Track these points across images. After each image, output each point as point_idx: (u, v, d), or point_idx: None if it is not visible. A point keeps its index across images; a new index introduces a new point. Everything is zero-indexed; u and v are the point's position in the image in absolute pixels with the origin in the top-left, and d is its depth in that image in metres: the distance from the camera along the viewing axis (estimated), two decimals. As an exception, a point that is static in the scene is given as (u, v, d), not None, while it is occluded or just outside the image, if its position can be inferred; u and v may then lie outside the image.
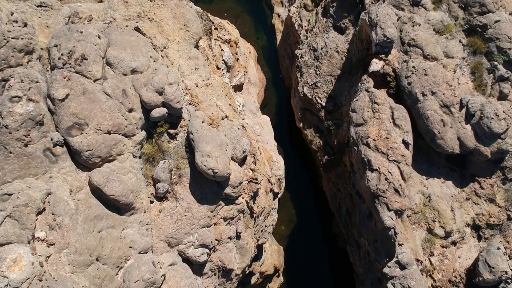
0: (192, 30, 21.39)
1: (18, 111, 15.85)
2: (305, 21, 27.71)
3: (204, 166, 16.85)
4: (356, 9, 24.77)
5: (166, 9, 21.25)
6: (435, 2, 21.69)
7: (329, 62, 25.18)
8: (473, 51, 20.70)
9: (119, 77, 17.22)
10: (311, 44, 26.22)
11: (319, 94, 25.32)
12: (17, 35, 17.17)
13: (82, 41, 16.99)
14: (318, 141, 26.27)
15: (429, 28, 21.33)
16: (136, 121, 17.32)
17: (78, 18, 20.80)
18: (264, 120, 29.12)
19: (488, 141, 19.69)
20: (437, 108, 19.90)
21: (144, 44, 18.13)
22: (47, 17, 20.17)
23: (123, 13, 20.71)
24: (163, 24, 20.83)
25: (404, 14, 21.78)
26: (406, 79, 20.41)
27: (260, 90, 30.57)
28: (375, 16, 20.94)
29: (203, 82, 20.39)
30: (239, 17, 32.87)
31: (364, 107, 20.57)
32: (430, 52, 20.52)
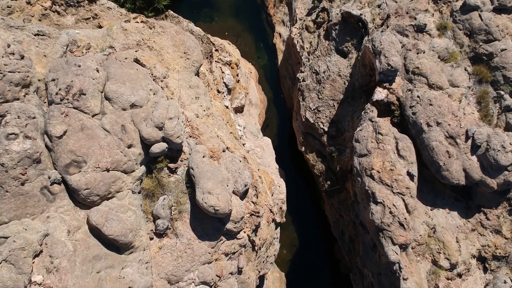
0: (193, 58, 21.13)
1: (15, 149, 15.57)
2: (307, 43, 27.46)
3: (205, 203, 16.57)
4: (359, 32, 24.54)
5: (166, 37, 21.00)
6: (440, 29, 21.46)
7: (332, 86, 24.93)
8: (478, 80, 20.45)
9: (118, 112, 16.94)
10: (313, 67, 25.96)
11: (322, 119, 25.05)
12: (14, 68, 16.92)
13: (80, 75, 16.74)
14: (320, 166, 25.99)
15: (434, 56, 21.09)
16: (135, 157, 17.03)
17: (76, 47, 20.59)
18: (266, 142, 28.88)
19: (495, 173, 19.42)
20: (443, 139, 19.62)
21: (144, 77, 17.86)
22: (45, 46, 19.92)
23: (122, 41, 20.46)
24: (163, 52, 20.57)
25: (408, 41, 21.55)
26: (411, 108, 20.15)
27: (261, 111, 30.30)
28: (379, 44, 20.69)
29: (204, 112, 20.13)
30: (240, 36, 32.61)
31: (368, 137, 20.30)
32: (435, 81, 20.27)
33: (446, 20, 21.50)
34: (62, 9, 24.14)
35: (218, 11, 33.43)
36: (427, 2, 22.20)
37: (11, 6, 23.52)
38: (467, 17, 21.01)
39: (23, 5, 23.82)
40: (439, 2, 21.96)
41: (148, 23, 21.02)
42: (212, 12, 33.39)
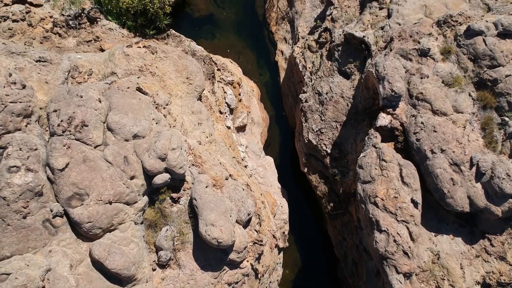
0: (195, 82, 21.12)
1: (17, 182, 15.56)
2: (309, 63, 27.44)
3: (208, 236, 16.53)
4: (362, 54, 24.51)
5: (168, 62, 20.99)
6: (444, 53, 21.42)
7: (334, 108, 24.89)
8: (483, 106, 20.39)
9: (121, 143, 16.91)
10: (316, 87, 25.94)
11: (324, 140, 25.01)
12: (16, 98, 16.93)
13: (82, 106, 16.73)
14: (323, 187, 25.94)
15: (437, 80, 21.04)
16: (138, 188, 17.00)
17: (78, 73, 20.59)
18: (268, 161, 28.85)
19: (500, 200, 19.34)
20: (447, 167, 19.56)
21: (146, 106, 17.84)
22: (46, 72, 19.94)
23: (124, 67, 20.45)
24: (165, 78, 20.56)
25: (412, 65, 21.51)
26: (415, 135, 20.10)
27: (264, 130, 30.26)
28: (382, 70, 20.67)
29: (207, 139, 20.10)
30: (242, 53, 32.59)
31: (372, 164, 20.26)
32: (439, 107, 20.22)
33: (450, 44, 21.45)
34: (63, 31, 24.14)
35: (220, 28, 33.43)
36: (430, 26, 22.16)
37: (12, 28, 23.53)
38: (471, 41, 20.96)
39: (24, 27, 23.83)
40: (443, 26, 21.91)
41: (150, 48, 21.02)
42: (214, 29, 33.38)
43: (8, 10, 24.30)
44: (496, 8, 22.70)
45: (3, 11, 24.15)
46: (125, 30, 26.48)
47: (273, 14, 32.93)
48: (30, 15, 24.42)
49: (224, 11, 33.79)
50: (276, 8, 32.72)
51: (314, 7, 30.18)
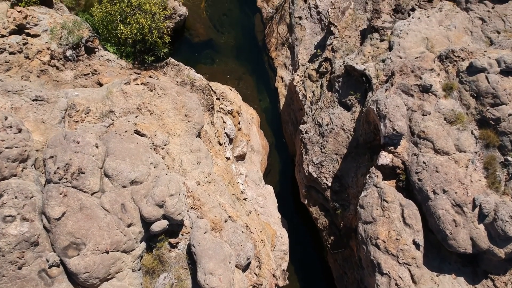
0: (194, 119, 20.97)
1: (12, 232, 15.41)
2: (309, 92, 27.31)
3: (206, 285, 16.34)
4: (363, 86, 24.40)
5: (167, 99, 20.85)
6: (446, 89, 21.29)
7: (335, 140, 24.75)
8: (485, 145, 20.23)
9: (118, 190, 16.75)
10: (316, 118, 25.80)
11: (325, 173, 24.86)
12: (12, 144, 16.79)
13: (79, 152, 16.57)
14: (324, 220, 25.76)
15: (439, 117, 20.90)
16: (135, 236, 16.83)
17: (75, 111, 20.44)
18: (268, 190, 28.70)
19: (503, 243, 19.16)
20: (449, 208, 19.39)
21: (144, 151, 17.68)
22: (43, 112, 19.78)
23: (122, 105, 20.31)
24: (163, 116, 20.41)
25: (413, 101, 21.38)
26: (417, 174, 19.93)
27: (263, 157, 30.12)
28: (383, 108, 20.54)
29: (205, 178, 19.94)
30: (242, 79, 32.48)
31: (373, 204, 20.09)
32: (441, 146, 20.06)
33: (452, 81, 21.32)
34: (60, 64, 24.04)
35: (219, 52, 33.32)
36: (432, 61, 22.04)
37: (9, 61, 23.42)
38: (474, 78, 20.82)
39: (22, 59, 23.72)
40: (445, 61, 21.79)
41: (148, 85, 20.88)
42: (213, 53, 33.27)
43: (5, 42, 24.20)
44: (499, 42, 22.58)
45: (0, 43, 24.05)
46: (123, 61, 26.39)
47: (273, 40, 32.84)
48: (27, 47, 24.32)
49: (224, 36, 33.69)
50: (276, 34, 32.63)
51: (314, 34, 30.09)
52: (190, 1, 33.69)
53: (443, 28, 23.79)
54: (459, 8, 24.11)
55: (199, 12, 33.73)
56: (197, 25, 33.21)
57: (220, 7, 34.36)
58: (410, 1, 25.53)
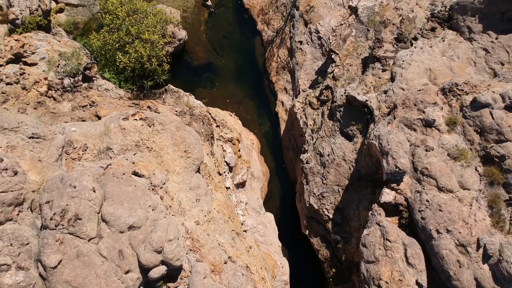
0: (193, 155, 20.73)
1: (7, 282, 15.14)
2: (310, 120, 27.09)
3: (206, 334, 16.06)
4: (364, 117, 24.18)
5: (166, 135, 20.62)
6: (449, 124, 21.06)
7: (336, 171, 24.51)
8: (490, 182, 19.97)
9: (116, 236, 16.48)
10: (317, 148, 25.57)
11: (326, 205, 24.61)
12: (7, 188, 16.58)
13: (76, 197, 16.31)
14: (325, 251, 25.49)
15: (443, 153, 20.67)
16: (133, 282, 16.55)
17: (72, 148, 20.21)
18: (268, 218, 28.46)
19: (508, 284, 18.87)
20: (453, 248, 19.13)
21: (142, 194, 17.42)
22: (40, 149, 19.56)
23: (120, 142, 20.07)
24: (162, 153, 20.17)
25: (416, 136, 21.15)
26: (420, 213, 19.69)
27: (264, 184, 29.87)
28: (386, 144, 20.30)
29: (205, 217, 19.69)
30: (242, 103, 32.26)
31: (376, 243, 19.84)
32: (445, 184, 19.82)
33: (456, 115, 21.09)
34: (58, 95, 23.83)
35: (219, 76, 33.11)
36: (435, 94, 21.82)
37: (5, 92, 23.22)
38: (478, 114, 20.60)
39: (18, 91, 23.52)
40: (448, 95, 21.57)
41: (147, 120, 20.65)
42: (213, 77, 33.07)
43: (1, 72, 24.02)
44: (503, 75, 22.37)
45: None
46: (122, 91, 26.19)
47: (273, 64, 32.64)
48: (24, 77, 24.13)
49: (224, 59, 33.49)
50: (277, 58, 32.44)
51: (315, 59, 29.89)
52: (190, 24, 33.51)
53: (446, 58, 23.57)
54: (462, 38, 23.91)
55: (199, 35, 33.54)
56: (196, 48, 33.00)
57: (220, 30, 34.17)
58: (412, 29, 25.33)
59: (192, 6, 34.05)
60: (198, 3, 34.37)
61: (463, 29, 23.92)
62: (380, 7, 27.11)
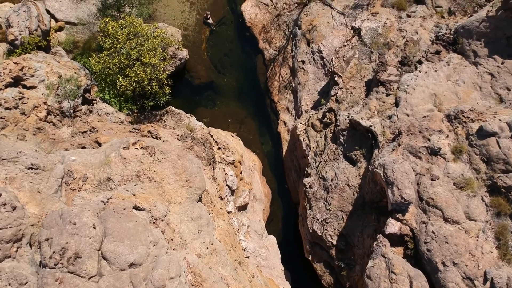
0: (195, 184, 20.49)
1: (5, 323, 14.87)
2: (313, 142, 26.84)
3: None
4: (368, 142, 23.92)
5: (167, 164, 20.38)
6: (455, 152, 20.81)
7: (340, 197, 24.25)
8: (497, 213, 19.69)
9: (116, 274, 16.22)
10: (320, 172, 25.32)
11: (330, 231, 24.34)
12: (5, 224, 16.36)
13: (76, 235, 16.07)
14: (328, 277, 25.21)
15: (449, 182, 20.41)
16: (134, 321, 16.28)
17: (72, 179, 19.98)
18: (270, 241, 28.21)
19: (516, 318, 18.61)
20: (459, 281, 18.84)
21: (143, 229, 17.18)
22: (39, 181, 19.31)
23: (121, 172, 19.83)
24: (163, 183, 19.93)
25: (422, 165, 20.90)
26: (425, 244, 19.41)
27: (266, 206, 29.61)
28: (391, 174, 20.05)
29: (207, 250, 19.43)
30: (243, 122, 32.01)
31: (381, 275, 19.56)
32: (451, 215, 19.55)
33: (462, 143, 20.84)
34: (57, 120, 23.63)
35: (221, 95, 32.90)
36: (441, 121, 21.58)
37: (4, 118, 23.02)
38: (484, 142, 20.34)
39: (17, 116, 23.31)
40: (454, 122, 21.33)
41: (148, 149, 20.42)
42: (215, 96, 32.85)
43: (0, 97, 23.82)
44: (509, 101, 22.12)
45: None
46: (122, 114, 25.97)
47: (275, 83, 32.40)
48: (23, 101, 23.93)
49: (225, 77, 33.27)
50: (278, 77, 32.21)
51: (317, 79, 29.66)
52: (191, 43, 33.32)
53: (451, 83, 23.34)
54: (468, 62, 23.68)
55: (200, 53, 33.34)
56: (198, 67, 32.80)
57: (221, 48, 33.97)
58: (416, 52, 25.12)
59: (193, 24, 33.87)
60: (199, 21, 34.19)
61: (468, 53, 23.70)
62: (383, 29, 26.91)
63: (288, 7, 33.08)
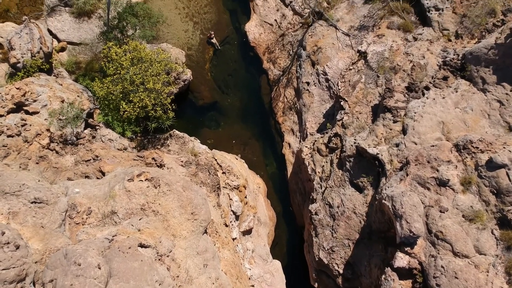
0: (201, 217, 20.30)
1: None
2: (318, 167, 26.64)
3: None
4: (375, 169, 23.73)
5: (172, 196, 20.19)
6: (464, 184, 20.63)
7: (347, 224, 24.05)
8: (507, 247, 19.51)
9: (122, 317, 16.01)
10: (327, 198, 25.12)
11: (336, 260, 24.12)
12: (9, 264, 16.13)
13: (81, 276, 15.81)
14: (335, 306, 25.00)
15: (458, 214, 20.23)
16: None
17: (76, 212, 19.79)
18: (275, 267, 27.99)
19: None
20: (470, 318, 18.64)
21: (149, 269, 16.95)
22: (42, 215, 19.11)
23: (126, 206, 19.64)
24: (169, 217, 19.73)
25: (430, 196, 20.71)
26: (435, 279, 19.20)
27: (271, 229, 29.40)
28: (399, 207, 19.85)
29: (213, 285, 19.21)
30: (248, 144, 31.81)
31: (389, 311, 19.36)
32: (461, 249, 19.35)
33: (471, 174, 20.67)
34: (60, 148, 23.45)
35: (225, 115, 32.72)
36: (449, 150, 21.39)
37: (7, 145, 22.85)
38: (494, 174, 20.16)
39: (20, 144, 23.14)
40: (463, 152, 21.16)
41: (153, 181, 20.23)
42: (219, 116, 32.67)
43: (3, 124, 23.66)
44: (518, 129, 21.97)
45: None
46: (126, 140, 25.80)
47: (279, 104, 32.22)
48: (26, 128, 23.76)
49: (229, 98, 33.10)
50: (283, 98, 32.03)
51: (322, 102, 29.49)
52: (195, 62, 33.16)
53: (459, 110, 23.15)
54: (476, 89, 23.49)
55: (204, 73, 33.19)
56: (201, 87, 32.64)
57: (225, 67, 33.81)
58: (423, 77, 24.94)
59: (196, 44, 33.72)
60: (202, 40, 34.03)
61: (476, 80, 23.51)
62: (390, 52, 26.74)
63: (292, 27, 32.93)
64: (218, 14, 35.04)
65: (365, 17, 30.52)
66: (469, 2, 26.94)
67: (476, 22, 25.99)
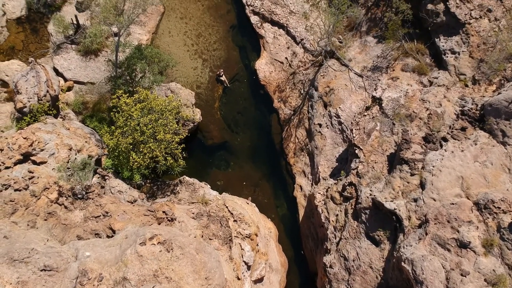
0: (215, 281, 19.96)
1: None
2: (332, 215, 26.23)
3: None
4: (392, 223, 23.31)
5: (185, 261, 19.82)
6: (486, 246, 20.23)
7: (363, 279, 23.62)
8: (532, 312, 19.10)
9: None
10: (341, 250, 24.70)
11: (352, 316, 23.70)
12: None
13: None
14: None
15: (479, 278, 19.80)
16: None
17: (87, 279, 19.43)
18: (288, 316, 27.53)
19: None
20: None
21: None
22: (52, 283, 18.81)
23: (138, 272, 19.26)
24: (182, 283, 19.35)
25: (451, 258, 20.31)
26: None
27: (282, 276, 28.94)
28: (420, 272, 19.47)
29: None
30: (258, 185, 31.38)
31: None
32: (484, 318, 18.92)
33: (493, 236, 20.28)
34: (69, 203, 23.12)
35: (234, 155, 32.31)
36: (470, 210, 21.01)
37: (14, 200, 22.54)
38: (517, 237, 19.78)
39: (27, 198, 22.81)
40: (484, 212, 20.77)
41: (165, 244, 19.87)
42: (228, 156, 32.26)
43: (10, 177, 23.33)
44: (540, 186, 21.54)
45: (4, 179, 23.17)
46: (136, 192, 25.44)
47: (291, 144, 31.82)
48: (34, 181, 23.43)
49: (239, 137, 32.69)
50: (294, 138, 31.63)
51: (335, 145, 29.09)
52: (204, 101, 32.81)
53: (478, 164, 22.73)
54: (495, 141, 23.09)
55: (213, 112, 32.82)
56: (210, 126, 32.26)
57: (234, 105, 33.42)
58: (441, 126, 24.57)
59: (206, 82, 33.38)
60: (212, 78, 33.69)
61: (496, 132, 23.13)
62: (405, 98, 26.37)
63: (303, 65, 32.57)
64: (227, 50, 34.68)
65: (379, 57, 30.13)
66: (486, 46, 26.58)
67: (493, 67, 25.64)
